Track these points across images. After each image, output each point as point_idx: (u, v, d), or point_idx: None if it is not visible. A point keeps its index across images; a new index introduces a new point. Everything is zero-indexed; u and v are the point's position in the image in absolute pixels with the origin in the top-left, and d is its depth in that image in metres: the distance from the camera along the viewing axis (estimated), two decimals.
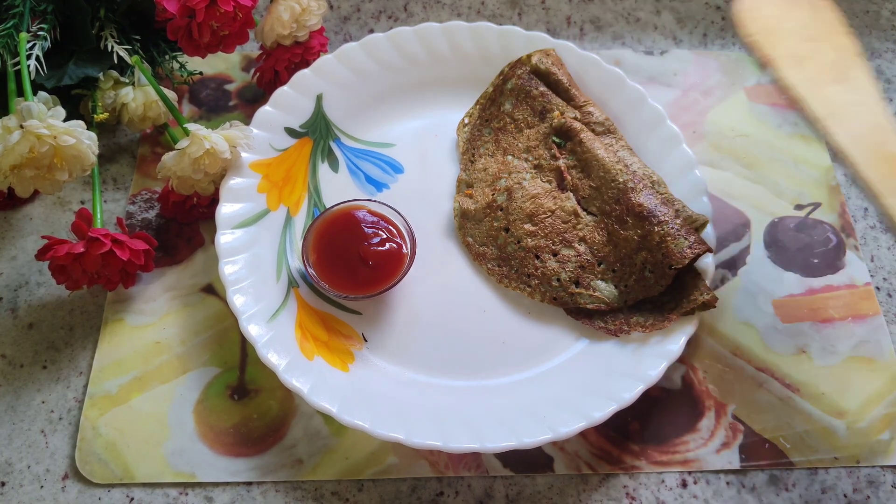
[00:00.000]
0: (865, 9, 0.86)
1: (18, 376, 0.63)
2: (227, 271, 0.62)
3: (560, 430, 0.56)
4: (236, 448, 0.60)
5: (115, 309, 0.66)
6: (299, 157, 0.71)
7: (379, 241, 0.63)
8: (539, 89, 0.72)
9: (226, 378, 0.63)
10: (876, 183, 0.49)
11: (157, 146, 0.75)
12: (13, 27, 0.63)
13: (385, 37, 0.74)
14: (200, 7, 0.62)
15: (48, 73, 0.65)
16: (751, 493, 0.59)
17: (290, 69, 0.73)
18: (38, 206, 0.71)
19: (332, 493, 0.59)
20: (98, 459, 0.59)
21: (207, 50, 0.66)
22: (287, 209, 0.69)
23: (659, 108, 0.71)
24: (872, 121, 0.51)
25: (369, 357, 0.63)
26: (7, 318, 0.66)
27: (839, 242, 0.71)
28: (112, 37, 0.68)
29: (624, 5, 0.86)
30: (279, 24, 0.70)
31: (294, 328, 0.62)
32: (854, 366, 0.64)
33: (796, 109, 0.57)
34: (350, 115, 0.74)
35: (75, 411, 0.62)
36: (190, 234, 0.70)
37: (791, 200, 0.73)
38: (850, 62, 0.53)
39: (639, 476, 0.60)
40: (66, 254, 0.59)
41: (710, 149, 0.76)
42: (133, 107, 0.68)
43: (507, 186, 0.68)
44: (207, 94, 0.78)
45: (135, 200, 0.71)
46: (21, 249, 0.69)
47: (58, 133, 0.56)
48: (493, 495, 0.59)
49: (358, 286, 0.63)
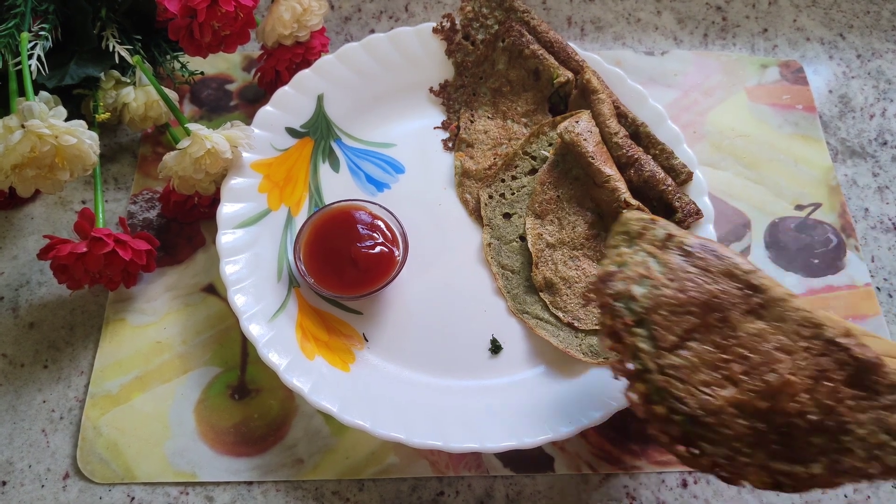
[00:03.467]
0: (866, 9, 0.86)
1: (19, 376, 0.63)
2: (228, 271, 0.62)
3: (560, 430, 0.57)
4: (237, 447, 0.60)
5: (117, 308, 0.66)
6: (300, 157, 0.71)
7: (371, 245, 0.63)
8: (531, 48, 0.71)
9: (227, 378, 0.63)
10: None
11: (158, 146, 0.75)
12: (14, 27, 0.63)
13: (386, 37, 0.74)
14: (202, 7, 0.62)
15: (49, 72, 0.65)
16: (751, 493, 0.59)
17: (291, 69, 0.73)
18: (40, 206, 0.71)
19: (333, 492, 0.59)
20: (99, 459, 0.59)
21: (209, 50, 0.66)
22: (288, 209, 0.69)
23: (659, 108, 0.71)
24: None
25: (370, 357, 0.63)
26: (8, 317, 0.66)
27: (839, 243, 0.71)
28: (113, 37, 0.69)
29: (625, 6, 0.86)
30: (280, 24, 0.70)
31: (295, 328, 0.62)
32: None
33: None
34: (351, 115, 0.74)
35: (76, 411, 0.62)
36: (191, 233, 0.70)
37: (791, 201, 0.73)
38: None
39: (639, 476, 0.60)
40: (69, 253, 0.59)
41: (711, 149, 0.76)
42: (134, 106, 0.68)
43: (506, 153, 0.68)
44: (209, 94, 0.78)
45: (136, 200, 0.71)
46: (22, 249, 0.69)
47: (59, 133, 0.56)
48: (494, 495, 0.59)
49: (343, 286, 0.63)
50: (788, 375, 0.47)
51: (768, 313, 0.49)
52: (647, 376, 0.49)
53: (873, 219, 0.73)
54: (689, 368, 0.48)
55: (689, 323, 0.49)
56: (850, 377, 0.47)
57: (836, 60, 0.83)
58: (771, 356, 0.48)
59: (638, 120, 0.70)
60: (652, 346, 0.49)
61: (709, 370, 0.48)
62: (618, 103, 0.70)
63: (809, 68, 0.82)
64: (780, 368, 0.47)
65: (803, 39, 0.85)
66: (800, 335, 0.48)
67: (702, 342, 0.49)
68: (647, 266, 0.52)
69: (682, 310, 0.50)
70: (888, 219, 0.73)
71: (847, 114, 0.79)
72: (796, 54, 0.83)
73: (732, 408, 0.47)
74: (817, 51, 0.84)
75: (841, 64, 0.83)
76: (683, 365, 0.48)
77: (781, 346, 0.48)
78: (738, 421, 0.47)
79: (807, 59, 0.83)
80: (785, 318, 0.49)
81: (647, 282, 0.51)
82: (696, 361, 0.49)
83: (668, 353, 0.49)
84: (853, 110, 0.80)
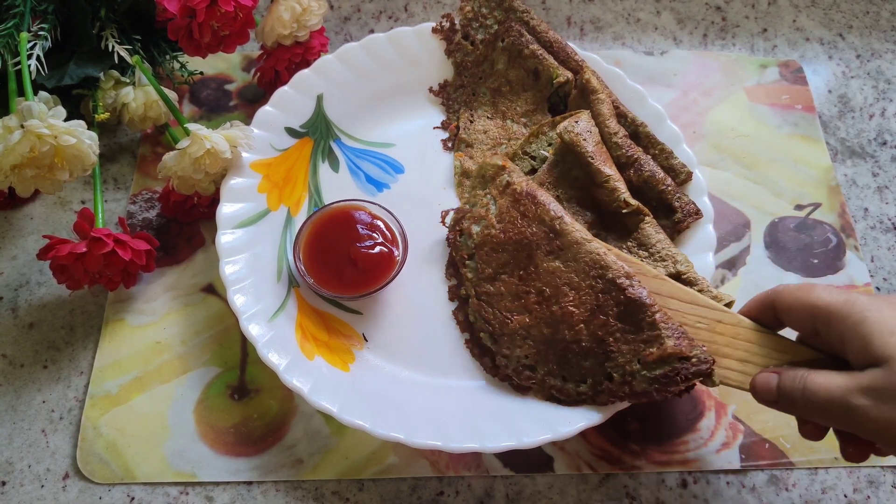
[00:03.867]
0: (865, 9, 0.87)
1: (19, 376, 0.63)
2: (227, 271, 0.62)
3: (560, 430, 0.56)
4: (236, 448, 0.60)
5: (116, 309, 0.66)
6: (300, 157, 0.71)
7: (370, 245, 0.63)
8: (531, 48, 0.71)
9: (226, 378, 0.63)
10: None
11: (157, 146, 0.75)
12: (14, 27, 0.63)
13: (385, 37, 0.74)
14: (201, 7, 0.62)
15: (49, 72, 0.65)
16: (751, 493, 0.59)
17: (290, 69, 0.73)
18: (39, 206, 0.71)
19: (333, 492, 0.59)
20: (99, 459, 0.59)
21: (208, 50, 0.66)
22: (287, 209, 0.69)
23: (659, 108, 0.71)
24: None
25: (370, 357, 0.63)
26: (8, 317, 0.66)
27: (839, 243, 0.71)
28: (113, 37, 0.69)
29: (624, 6, 0.86)
30: (280, 24, 0.70)
31: (294, 328, 0.62)
32: None
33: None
34: (350, 115, 0.74)
35: (76, 411, 0.62)
36: (190, 233, 0.70)
37: (791, 201, 0.73)
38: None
39: (639, 476, 0.60)
40: (69, 253, 0.59)
41: (710, 149, 0.76)
42: (134, 107, 0.68)
43: (505, 153, 0.69)
44: (208, 94, 0.78)
45: (135, 200, 0.71)
46: (22, 249, 0.69)
47: (58, 133, 0.56)
48: (493, 495, 0.59)
49: (343, 286, 0.63)
50: (571, 308, 0.57)
51: (564, 254, 0.58)
52: (469, 300, 0.61)
53: (873, 219, 0.73)
54: (498, 296, 0.60)
55: (504, 259, 0.61)
56: (621, 313, 0.56)
57: (835, 60, 0.83)
58: (560, 291, 0.58)
59: (637, 120, 0.70)
60: (475, 276, 0.62)
61: (512, 299, 0.60)
62: (617, 103, 0.70)
63: (809, 68, 0.82)
64: (565, 302, 0.57)
65: (803, 39, 0.85)
66: (587, 274, 0.57)
67: (510, 275, 0.60)
68: (488, 208, 0.64)
69: (500, 248, 0.61)
70: (888, 219, 0.73)
71: (846, 114, 0.79)
72: (796, 54, 0.84)
73: (523, 330, 0.58)
74: (817, 51, 0.84)
75: (840, 64, 0.83)
76: (494, 293, 0.60)
77: (569, 283, 0.58)
78: (527, 342, 0.58)
79: (806, 59, 0.83)
80: (577, 259, 0.58)
81: (483, 221, 0.63)
82: (503, 291, 0.60)
83: (485, 282, 0.61)
84: (852, 110, 0.80)
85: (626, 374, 0.55)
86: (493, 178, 0.65)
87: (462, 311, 0.63)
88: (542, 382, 0.58)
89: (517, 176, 0.64)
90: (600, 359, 0.56)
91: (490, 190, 0.65)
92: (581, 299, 0.57)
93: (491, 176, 0.65)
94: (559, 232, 0.59)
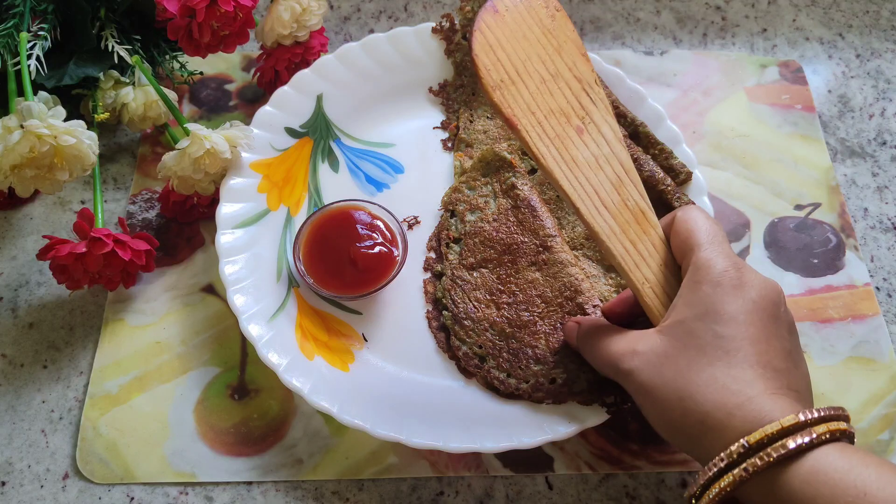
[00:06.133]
0: (865, 9, 0.87)
1: (19, 376, 0.63)
2: (227, 271, 0.62)
3: (560, 430, 0.57)
4: (236, 448, 0.60)
5: (116, 309, 0.66)
6: (299, 157, 0.71)
7: (370, 245, 0.63)
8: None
9: (226, 378, 0.63)
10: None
11: (157, 146, 0.75)
12: (13, 27, 0.63)
13: (385, 37, 0.74)
14: (201, 7, 0.62)
15: (48, 72, 0.65)
16: None
17: (290, 69, 0.73)
18: (39, 206, 0.71)
19: (333, 492, 0.59)
20: (98, 459, 0.59)
21: (208, 50, 0.66)
22: (287, 209, 0.69)
23: (659, 108, 0.71)
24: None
25: (370, 357, 0.63)
26: (7, 317, 0.66)
27: (839, 243, 0.71)
28: (112, 37, 0.69)
29: (624, 5, 0.86)
30: (279, 23, 0.70)
31: (294, 328, 0.62)
32: (854, 366, 0.64)
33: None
34: (350, 115, 0.74)
35: (76, 411, 0.62)
36: (190, 233, 0.70)
37: (791, 200, 0.73)
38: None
39: (639, 476, 0.60)
40: (68, 254, 0.59)
41: (710, 149, 0.76)
42: (133, 107, 0.68)
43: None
44: (208, 94, 0.78)
45: (135, 200, 0.71)
46: (21, 249, 0.69)
47: (58, 133, 0.56)
48: (493, 495, 0.59)
49: (343, 286, 0.63)
50: (537, 318, 0.61)
51: (547, 269, 0.62)
52: (443, 278, 0.64)
53: (873, 219, 0.73)
54: (472, 286, 0.63)
55: (489, 255, 0.64)
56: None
57: (835, 60, 0.83)
58: (532, 300, 0.61)
59: (637, 120, 0.70)
60: (457, 260, 0.65)
61: (485, 293, 0.63)
62: (617, 103, 0.70)
63: (809, 68, 0.82)
64: (533, 310, 0.61)
65: (802, 39, 0.85)
66: (560, 293, 0.61)
67: (491, 272, 0.63)
68: (487, 202, 0.66)
69: (489, 244, 0.64)
70: (887, 219, 0.73)
71: (846, 113, 0.79)
72: (795, 54, 0.84)
73: (486, 322, 0.61)
74: (816, 50, 0.84)
75: (840, 64, 0.83)
76: (469, 281, 0.63)
77: (542, 296, 0.61)
78: (486, 333, 0.61)
79: (806, 59, 0.83)
80: (556, 277, 0.62)
81: (478, 213, 0.66)
82: (479, 282, 0.63)
83: (465, 269, 0.64)
84: (852, 110, 0.80)
85: (568, 380, 0.58)
86: (498, 169, 0.67)
87: (433, 284, 0.66)
88: (487, 373, 0.60)
89: (522, 182, 0.65)
90: (549, 367, 0.59)
91: (493, 184, 0.66)
92: (548, 313, 0.61)
93: (495, 166, 0.67)
94: (548, 248, 0.62)
